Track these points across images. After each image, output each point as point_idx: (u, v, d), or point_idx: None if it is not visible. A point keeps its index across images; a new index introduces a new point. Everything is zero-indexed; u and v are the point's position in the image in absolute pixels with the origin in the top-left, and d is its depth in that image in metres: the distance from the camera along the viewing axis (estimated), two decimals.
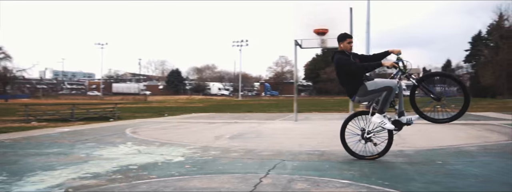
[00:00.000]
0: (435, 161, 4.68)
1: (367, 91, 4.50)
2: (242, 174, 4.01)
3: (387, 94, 4.39)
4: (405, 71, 4.45)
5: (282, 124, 10.89)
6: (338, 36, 4.81)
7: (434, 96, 4.36)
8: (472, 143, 6.22)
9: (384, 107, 4.48)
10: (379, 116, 4.51)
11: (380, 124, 4.52)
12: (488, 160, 4.69)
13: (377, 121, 4.53)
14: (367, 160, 4.73)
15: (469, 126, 9.55)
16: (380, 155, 4.74)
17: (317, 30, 10.49)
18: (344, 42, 4.72)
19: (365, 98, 4.62)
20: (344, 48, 4.73)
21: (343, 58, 4.59)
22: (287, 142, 6.81)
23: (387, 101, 4.43)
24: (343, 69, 4.58)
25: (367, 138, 4.75)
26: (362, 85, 4.52)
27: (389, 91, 4.38)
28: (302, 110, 19.60)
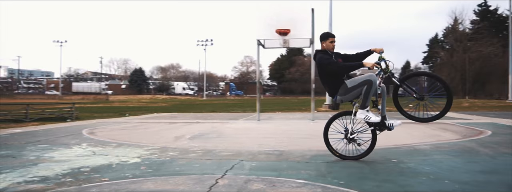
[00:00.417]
0: (390, 159, 4.79)
1: (347, 89, 4.46)
2: (198, 175, 3.94)
3: (367, 87, 4.33)
4: (388, 71, 4.42)
5: (244, 124, 10.87)
6: (320, 35, 4.74)
7: (416, 95, 4.34)
8: (426, 142, 6.42)
9: (366, 101, 4.41)
10: (362, 111, 4.45)
11: (365, 119, 4.47)
12: (439, 158, 4.84)
13: (361, 117, 4.47)
14: (349, 160, 4.69)
15: (424, 125, 9.86)
16: (363, 156, 4.71)
17: (279, 30, 10.54)
18: (326, 41, 4.67)
19: (347, 97, 4.54)
20: (326, 47, 4.67)
21: (324, 57, 4.54)
22: (247, 142, 6.78)
23: (368, 95, 4.36)
24: (325, 69, 4.52)
25: (350, 138, 4.69)
26: (343, 84, 4.48)
27: (369, 84, 4.32)
28: (265, 110, 19.68)
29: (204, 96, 67.19)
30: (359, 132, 4.68)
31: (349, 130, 4.69)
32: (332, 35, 4.74)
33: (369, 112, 4.44)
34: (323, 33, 4.77)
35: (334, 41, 4.69)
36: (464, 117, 13.44)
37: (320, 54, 4.61)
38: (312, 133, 8.12)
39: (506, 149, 5.59)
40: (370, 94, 4.36)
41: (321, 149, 5.75)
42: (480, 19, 49.28)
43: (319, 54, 4.62)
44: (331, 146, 4.88)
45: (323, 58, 4.53)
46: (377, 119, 4.42)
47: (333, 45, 4.68)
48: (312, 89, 12.04)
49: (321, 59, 4.53)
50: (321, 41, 4.71)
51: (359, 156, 4.71)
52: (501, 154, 5.10)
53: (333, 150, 4.86)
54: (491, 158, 4.83)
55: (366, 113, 4.44)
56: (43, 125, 10.77)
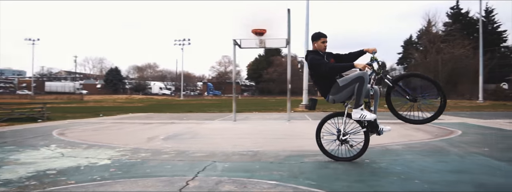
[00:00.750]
0: (363, 159, 4.80)
1: (339, 88, 4.38)
2: (168, 177, 3.86)
3: (359, 85, 4.24)
4: (380, 72, 4.33)
5: (220, 124, 10.79)
6: (312, 35, 4.68)
7: (409, 97, 4.25)
8: (398, 142, 6.50)
9: (359, 99, 4.30)
10: (357, 110, 4.35)
11: (361, 118, 4.36)
12: (411, 158, 4.90)
13: (357, 116, 4.36)
14: (342, 161, 4.61)
15: (398, 125, 9.99)
16: (356, 157, 4.62)
17: (255, 30, 10.52)
18: (318, 41, 4.60)
19: (339, 96, 4.45)
20: (318, 47, 4.60)
21: (316, 58, 4.47)
22: (222, 142, 6.72)
23: (361, 92, 4.25)
24: (316, 69, 4.45)
25: (342, 140, 4.60)
26: (335, 83, 4.41)
27: (361, 82, 4.22)
28: (243, 110, 19.64)
29: (182, 96, 66.59)
30: (352, 133, 4.61)
31: (342, 131, 4.61)
32: (323, 35, 4.65)
33: (363, 110, 4.35)
34: (315, 33, 4.68)
35: (326, 41, 4.62)
36: None
37: (312, 54, 4.54)
38: (288, 133, 8.14)
39: (475, 148, 5.71)
40: (362, 91, 4.26)
41: (295, 149, 5.76)
42: (452, 21, 50.56)
43: (311, 54, 4.55)
44: (323, 147, 4.79)
45: (314, 59, 4.46)
46: (373, 116, 4.34)
47: (324, 46, 4.61)
48: (288, 90, 12.06)
49: (312, 60, 4.46)
50: (312, 41, 4.65)
51: (352, 158, 4.63)
52: (470, 154, 5.20)
53: (326, 151, 4.77)
54: (460, 158, 4.92)
55: (361, 112, 4.35)
56: (12, 126, 10.42)
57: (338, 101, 4.53)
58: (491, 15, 50.25)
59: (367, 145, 4.60)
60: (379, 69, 4.32)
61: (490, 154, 5.15)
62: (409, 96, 4.25)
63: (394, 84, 4.29)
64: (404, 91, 4.27)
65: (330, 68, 4.34)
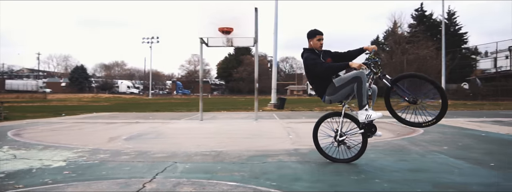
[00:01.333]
0: (324, 159, 4.80)
1: (335, 88, 4.23)
2: (125, 179, 3.71)
3: (358, 86, 4.06)
4: (378, 71, 4.13)
5: (186, 124, 10.62)
6: (307, 33, 4.45)
7: (409, 98, 4.02)
8: None
9: (362, 100, 4.12)
10: (362, 112, 4.16)
11: (367, 119, 4.15)
12: (373, 157, 4.93)
13: (363, 118, 4.17)
14: (340, 162, 4.47)
15: None
16: (354, 159, 4.46)
17: (222, 29, 10.40)
18: (313, 39, 4.39)
19: (335, 97, 4.30)
20: (313, 45, 4.40)
21: (310, 57, 4.28)
22: (185, 142, 6.58)
23: (361, 93, 4.07)
24: (311, 69, 4.28)
25: (340, 140, 4.47)
26: (331, 83, 4.25)
27: (358, 82, 4.05)
28: (211, 109, 19.47)
29: (150, 95, 65.50)
30: (349, 134, 4.47)
31: (338, 132, 4.47)
32: (319, 32, 4.44)
33: (368, 110, 4.16)
34: (310, 30, 4.48)
35: (322, 39, 4.41)
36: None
37: (307, 53, 4.37)
38: (254, 133, 8.08)
39: (434, 147, 5.83)
40: (363, 91, 4.07)
41: (259, 149, 5.70)
42: (417, 23, 52.05)
43: (306, 53, 4.38)
44: (321, 148, 4.68)
45: (309, 58, 4.29)
46: (378, 114, 4.13)
47: (320, 43, 4.40)
48: (256, 89, 12.02)
49: (307, 59, 4.30)
50: (308, 39, 4.45)
51: (350, 159, 4.47)
52: (429, 152, 5.30)
53: (323, 152, 4.67)
54: (421, 157, 4.99)
55: (366, 112, 4.15)
56: None
57: (334, 101, 4.39)
58: (453, 18, 52.09)
59: (365, 146, 4.44)
60: (376, 69, 4.13)
61: (449, 153, 5.26)
62: (409, 97, 4.03)
63: (393, 85, 4.10)
64: (403, 92, 4.06)
65: (325, 68, 4.16)
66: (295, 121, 11.24)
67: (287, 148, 5.77)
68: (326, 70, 4.17)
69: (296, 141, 6.59)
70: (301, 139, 6.95)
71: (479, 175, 3.86)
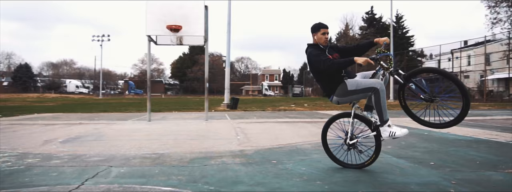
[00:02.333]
0: (270, 160, 4.68)
1: (347, 91, 3.84)
2: (49, 187, 3.39)
3: (375, 98, 3.69)
4: (389, 67, 3.72)
5: (132, 125, 10.18)
6: (311, 27, 4.07)
7: (424, 96, 3.57)
8: (309, 141, 6.51)
9: (383, 115, 3.74)
10: (384, 128, 3.76)
11: (391, 136, 3.74)
12: (318, 158, 4.87)
13: (386, 135, 3.76)
14: (350, 168, 4.13)
15: (313, 123, 10.22)
16: (366, 164, 4.08)
17: (170, 26, 10.07)
18: (317, 33, 4.00)
19: (344, 99, 3.96)
20: (318, 40, 4.00)
21: (313, 53, 3.89)
22: (127, 145, 6.24)
23: (381, 107, 3.70)
24: (313, 66, 3.92)
25: (350, 144, 4.12)
26: (342, 84, 3.86)
27: (376, 93, 3.67)
28: (162, 110, 18.96)
29: (100, 95, 63.17)
30: (360, 137, 4.12)
31: (348, 134, 4.13)
32: (323, 25, 4.03)
33: (392, 127, 3.76)
34: (314, 24, 4.08)
35: (326, 32, 3.99)
36: None
37: (310, 49, 3.99)
38: (201, 134, 7.84)
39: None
40: (382, 105, 3.70)
41: (203, 150, 5.50)
42: (367, 25, 53.82)
43: (309, 49, 4.00)
44: (331, 152, 4.36)
45: (312, 54, 3.90)
46: (403, 131, 3.70)
47: (325, 38, 3.99)
48: (206, 88, 11.79)
49: (310, 55, 3.92)
50: (312, 33, 4.07)
51: (362, 165, 4.09)
52: None
53: (333, 156, 4.33)
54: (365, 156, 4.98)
55: (389, 129, 3.74)
56: None
57: (342, 103, 4.08)
58: (401, 21, 54.29)
59: (379, 150, 4.01)
60: (388, 64, 3.72)
61: (393, 152, 5.30)
62: (425, 95, 3.58)
63: (407, 81, 3.68)
64: (418, 89, 3.64)
65: (329, 65, 3.73)
66: (246, 121, 11.10)
67: (232, 150, 5.60)
68: (330, 67, 3.74)
69: (243, 142, 6.44)
70: (249, 139, 6.81)
71: (419, 175, 3.88)
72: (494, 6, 33.74)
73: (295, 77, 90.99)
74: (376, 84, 3.68)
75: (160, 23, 10.37)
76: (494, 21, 33.71)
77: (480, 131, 8.03)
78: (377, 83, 3.69)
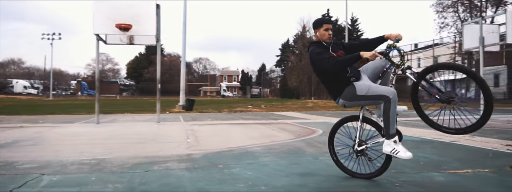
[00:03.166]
0: (217, 165, 4.53)
1: (355, 96, 3.47)
2: None
3: (386, 108, 3.32)
4: (402, 64, 3.35)
5: (78, 128, 9.69)
6: (313, 22, 3.73)
7: (440, 97, 3.18)
8: (260, 143, 6.42)
9: (389, 127, 3.34)
10: (389, 142, 3.37)
11: (392, 153, 3.35)
12: (266, 161, 4.77)
13: (388, 150, 3.37)
14: (360, 178, 3.73)
15: (266, 125, 10.15)
16: (377, 174, 3.67)
17: (119, 25, 9.67)
18: (319, 29, 3.64)
19: (351, 103, 3.59)
20: (320, 37, 3.64)
21: (315, 51, 3.54)
22: (68, 149, 5.87)
23: (389, 118, 3.31)
24: (316, 65, 3.58)
25: (358, 150, 3.69)
26: (350, 86, 3.50)
27: (387, 102, 3.31)
28: (115, 111, 18.31)
29: (51, 95, 60.33)
30: (370, 143, 3.68)
31: (357, 140, 3.73)
32: (326, 20, 3.71)
33: (397, 145, 3.34)
34: (316, 19, 3.74)
35: (330, 28, 3.65)
36: (305, 116, 14.41)
37: (312, 46, 3.64)
38: (150, 137, 7.56)
39: None
40: (391, 116, 3.31)
41: (149, 155, 5.27)
42: None
43: (311, 46, 3.66)
44: (338, 159, 3.97)
45: (314, 52, 3.55)
46: (407, 154, 3.26)
47: (329, 34, 3.63)
48: (158, 90, 11.47)
49: (312, 53, 3.58)
50: (314, 30, 3.71)
51: (372, 174, 3.69)
52: (323, 154, 5.29)
53: (341, 164, 3.94)
54: (313, 159, 4.95)
55: (394, 146, 3.34)
56: None
57: (350, 107, 3.72)
58: (355, 24, 55.88)
59: (390, 157, 3.56)
60: (400, 61, 3.35)
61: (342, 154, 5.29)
62: (440, 95, 3.19)
63: (420, 80, 3.33)
64: (433, 89, 3.29)
65: (333, 64, 3.36)
66: (199, 123, 10.89)
67: (180, 153, 5.40)
68: (335, 65, 3.37)
69: (193, 145, 6.25)
70: (199, 142, 6.63)
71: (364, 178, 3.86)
72: (441, 11, 35.34)
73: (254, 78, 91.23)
74: (390, 93, 3.31)
75: (109, 21, 9.94)
76: (442, 25, 35.30)
77: (426, 132, 8.26)
78: (391, 92, 3.32)
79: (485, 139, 6.51)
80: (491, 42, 13.39)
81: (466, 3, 34.64)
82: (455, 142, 6.42)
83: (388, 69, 3.50)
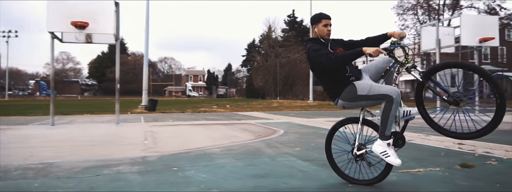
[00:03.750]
0: (171, 167, 4.40)
1: (356, 96, 3.24)
2: None
3: (386, 107, 3.10)
4: (406, 62, 3.13)
5: (32, 130, 9.26)
6: (311, 18, 3.48)
7: (447, 98, 2.96)
8: (219, 144, 6.33)
9: (385, 128, 3.15)
10: (381, 143, 3.18)
11: (381, 155, 3.17)
12: (223, 163, 4.69)
13: (378, 151, 3.19)
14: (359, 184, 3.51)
15: (228, 126, 10.07)
16: (377, 180, 3.45)
17: (75, 23, 9.28)
18: (318, 24, 3.39)
19: (351, 104, 3.35)
20: (319, 33, 3.39)
21: (313, 48, 3.30)
22: (15, 154, 5.56)
23: (388, 118, 3.11)
24: (314, 63, 3.33)
25: (357, 155, 3.45)
26: (350, 85, 3.27)
27: (388, 102, 3.08)
28: (73, 112, 17.67)
29: (6, 96, 57.65)
30: (370, 147, 3.37)
31: (356, 143, 3.49)
32: (325, 16, 3.43)
33: (389, 148, 3.16)
34: (315, 14, 3.48)
35: (329, 24, 3.41)
36: (268, 117, 14.42)
37: (310, 43, 3.41)
38: (107, 139, 7.32)
39: (288, 148, 5.87)
40: (390, 117, 3.11)
41: (101, 158, 5.06)
42: (289, 28, 55.37)
43: (309, 43, 3.43)
44: (336, 164, 3.71)
45: (311, 49, 3.32)
46: (396, 162, 3.09)
47: (328, 30, 3.40)
48: (117, 90, 11.18)
49: (309, 50, 3.34)
50: (312, 25, 3.48)
51: (372, 180, 3.48)
52: (281, 155, 5.27)
53: (338, 169, 3.68)
54: (270, 160, 4.91)
55: (386, 148, 3.16)
56: None
57: (349, 108, 3.48)
58: None
59: None
60: (403, 58, 3.13)
61: (300, 155, 5.29)
62: (448, 96, 2.96)
63: (426, 79, 3.09)
64: (440, 88, 3.06)
65: (333, 60, 3.13)
66: (160, 124, 10.67)
67: (134, 156, 5.22)
68: (334, 62, 3.13)
69: (149, 147, 6.08)
70: (156, 144, 6.47)
71: (319, 178, 3.85)
72: (402, 14, 36.49)
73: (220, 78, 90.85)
74: (393, 92, 3.08)
75: (64, 19, 9.53)
76: (402, 28, 36.40)
77: None
78: (394, 91, 3.10)
79: (440, 138, 6.69)
80: (447, 44, 13.91)
81: (425, 6, 35.99)
82: (411, 141, 6.56)
83: (392, 67, 3.26)
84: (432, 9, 35.79)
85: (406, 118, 3.27)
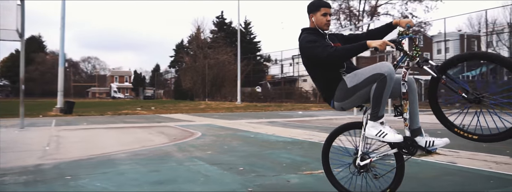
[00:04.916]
0: (65, 176, 4.06)
1: (347, 90, 2.76)
2: None
3: (378, 86, 2.61)
4: (416, 54, 2.68)
5: None
6: (308, 5, 2.98)
7: (467, 95, 2.47)
8: (128, 149, 6.01)
9: (378, 108, 2.68)
10: (374, 124, 2.72)
11: (378, 137, 2.69)
12: (125, 169, 4.41)
13: (372, 133, 2.71)
14: None
15: (145, 129, 9.70)
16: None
17: None
18: (316, 13, 2.90)
19: (347, 102, 2.84)
20: (317, 23, 2.90)
21: (308, 38, 2.82)
22: None
23: (379, 98, 2.64)
24: (308, 56, 2.87)
25: (361, 166, 2.89)
26: (340, 82, 2.80)
27: (380, 81, 2.59)
28: None
29: None
30: (375, 156, 2.88)
31: (359, 152, 2.95)
32: (324, 3, 2.93)
33: (384, 126, 2.71)
34: (312, 1, 2.97)
35: (329, 13, 2.92)
36: (191, 119, 14.15)
37: (305, 33, 2.93)
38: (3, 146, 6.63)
39: (199, 152, 5.72)
40: (382, 97, 2.65)
41: None
42: (217, 29, 55.24)
43: (303, 33, 2.95)
44: (333, 176, 3.18)
45: (306, 39, 2.83)
46: (397, 137, 2.64)
47: (327, 20, 2.91)
48: (21, 91, 10.30)
49: (303, 41, 2.84)
50: (309, 14, 2.97)
51: None
52: (190, 159, 5.11)
53: (337, 183, 3.16)
54: (177, 165, 4.73)
55: (380, 127, 2.71)
56: None
57: (348, 108, 2.99)
58: (249, 27, 57.27)
59: (401, 174, 2.84)
60: (413, 50, 2.72)
61: (209, 158, 5.16)
62: (467, 93, 2.48)
63: (441, 74, 2.61)
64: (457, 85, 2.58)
65: (330, 53, 2.67)
66: (71, 128, 10.00)
67: (27, 164, 4.76)
68: (332, 55, 2.67)
69: (49, 154, 5.61)
70: (58, 150, 6.00)
71: (222, 183, 3.75)
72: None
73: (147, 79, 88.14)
74: (383, 67, 2.62)
75: None
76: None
77: (301, 132, 8.63)
78: (383, 66, 2.64)
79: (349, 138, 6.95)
80: None
81: (347, 12, 37.93)
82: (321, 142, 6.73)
83: (400, 62, 2.76)
84: (353, 15, 37.82)
85: (428, 149, 2.71)
